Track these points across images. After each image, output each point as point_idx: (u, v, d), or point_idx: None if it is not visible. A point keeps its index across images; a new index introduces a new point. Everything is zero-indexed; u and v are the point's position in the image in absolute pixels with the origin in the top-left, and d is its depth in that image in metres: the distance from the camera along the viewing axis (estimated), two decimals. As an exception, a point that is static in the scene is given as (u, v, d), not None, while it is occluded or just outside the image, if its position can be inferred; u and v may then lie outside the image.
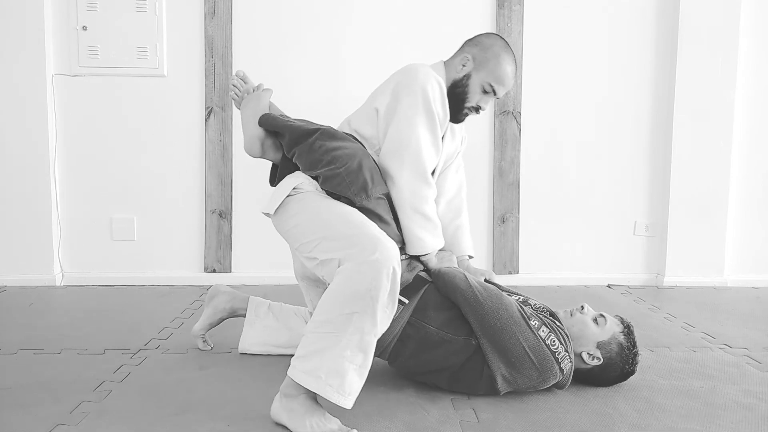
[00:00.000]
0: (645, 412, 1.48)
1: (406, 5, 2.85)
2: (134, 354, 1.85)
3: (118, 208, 2.85)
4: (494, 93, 1.70)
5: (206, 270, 2.87)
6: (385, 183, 1.56)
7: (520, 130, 2.92)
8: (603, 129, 2.97)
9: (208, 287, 2.77)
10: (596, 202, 3.00)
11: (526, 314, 1.50)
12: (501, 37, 1.74)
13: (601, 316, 1.62)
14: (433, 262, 1.63)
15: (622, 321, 1.64)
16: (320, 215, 1.46)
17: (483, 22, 2.88)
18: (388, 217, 1.54)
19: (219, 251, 2.87)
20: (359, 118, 1.68)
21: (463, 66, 1.69)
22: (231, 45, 2.80)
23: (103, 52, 2.74)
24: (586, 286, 2.95)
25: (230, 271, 2.88)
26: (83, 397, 1.51)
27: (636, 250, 3.04)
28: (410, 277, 1.58)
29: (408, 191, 1.56)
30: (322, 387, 1.29)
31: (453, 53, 1.76)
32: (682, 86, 2.89)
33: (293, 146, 1.53)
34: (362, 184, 1.47)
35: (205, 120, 2.82)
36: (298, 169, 1.56)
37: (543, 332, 1.49)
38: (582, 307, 1.65)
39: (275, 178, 1.64)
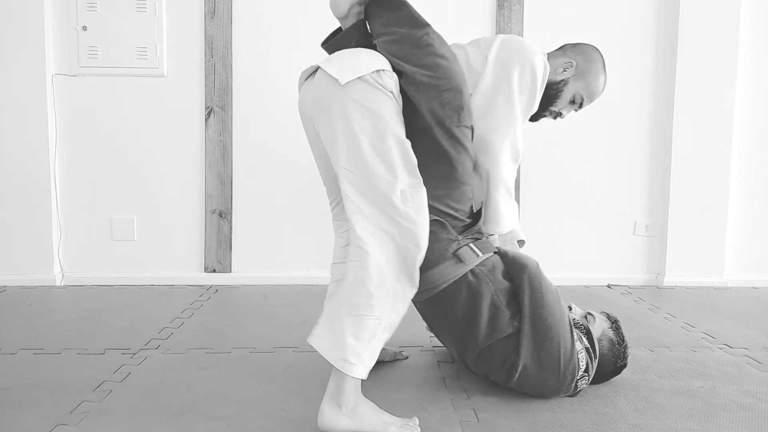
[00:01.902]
0: (645, 412, 1.48)
1: (406, 5, 2.85)
2: (134, 354, 1.85)
3: (118, 208, 2.85)
4: (580, 106, 1.70)
5: (206, 270, 2.87)
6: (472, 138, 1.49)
7: (520, 130, 2.92)
8: (603, 129, 2.97)
9: (208, 287, 2.78)
10: (596, 202, 3.00)
11: (572, 324, 1.49)
12: (601, 54, 1.73)
13: (589, 314, 1.63)
14: (498, 242, 1.61)
15: (608, 317, 1.65)
16: (382, 143, 1.32)
17: (483, 22, 2.88)
18: (471, 150, 1.47)
19: (219, 251, 2.87)
20: (472, 60, 1.58)
21: (564, 70, 1.67)
22: (231, 45, 2.80)
23: (103, 52, 2.74)
24: (586, 286, 2.95)
25: (230, 271, 2.88)
26: (83, 397, 1.51)
27: (636, 250, 3.04)
28: (483, 236, 1.52)
29: (505, 169, 1.53)
30: (363, 372, 1.30)
31: (552, 52, 1.73)
32: (682, 86, 2.90)
33: (398, 25, 1.39)
34: (458, 107, 1.40)
35: (205, 120, 2.82)
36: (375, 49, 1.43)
37: (578, 345, 1.48)
38: (570, 308, 1.65)
39: (333, 41, 1.52)
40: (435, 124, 1.38)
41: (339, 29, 1.55)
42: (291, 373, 1.71)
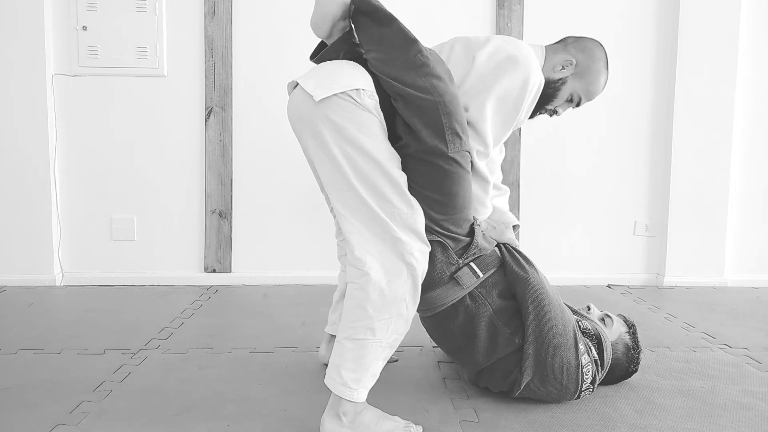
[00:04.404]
0: (645, 412, 1.48)
1: (405, 5, 2.85)
2: (134, 354, 1.85)
3: (118, 208, 2.85)
4: (577, 105, 1.63)
5: (206, 270, 2.87)
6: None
7: (519, 130, 2.92)
8: (603, 129, 2.97)
9: (208, 287, 2.78)
10: (596, 202, 3.00)
11: (577, 337, 1.46)
12: (605, 51, 1.62)
13: (607, 316, 1.63)
14: (493, 233, 1.55)
15: (625, 320, 1.65)
16: (363, 163, 1.27)
17: (483, 22, 2.88)
18: (470, 174, 1.39)
19: (219, 251, 2.87)
20: (455, 61, 1.48)
21: (563, 68, 1.58)
22: (231, 45, 2.80)
23: (103, 52, 2.74)
24: (586, 286, 2.95)
25: (230, 271, 2.88)
26: (83, 397, 1.51)
27: (636, 250, 3.04)
28: (489, 247, 1.47)
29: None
30: (363, 395, 1.29)
31: (553, 45, 1.64)
32: (682, 86, 2.89)
33: (389, 42, 1.31)
34: (458, 130, 1.32)
35: (205, 120, 2.82)
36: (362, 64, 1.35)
37: (584, 360, 1.46)
38: (588, 308, 1.65)
39: (320, 55, 1.44)
40: (436, 151, 1.31)
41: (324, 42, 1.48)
42: (291, 373, 1.71)
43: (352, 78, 1.30)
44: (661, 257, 3.01)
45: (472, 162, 1.42)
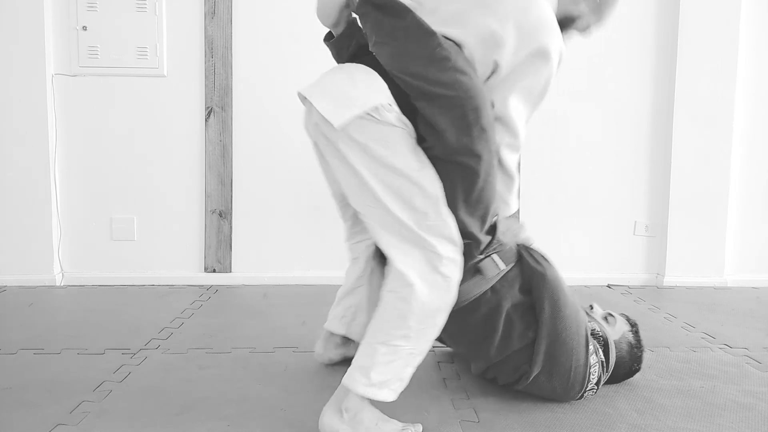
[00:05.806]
0: (645, 412, 1.48)
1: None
2: (134, 354, 1.85)
3: (118, 208, 2.85)
4: (582, 35, 1.56)
5: (206, 270, 2.87)
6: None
7: (520, 130, 2.92)
8: (603, 129, 2.97)
9: (209, 287, 2.78)
10: (596, 202, 3.00)
11: (588, 336, 1.47)
12: None
13: (610, 315, 1.63)
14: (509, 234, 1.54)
15: (628, 319, 1.65)
16: (393, 180, 1.24)
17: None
18: (496, 169, 1.36)
19: (219, 251, 2.87)
20: (471, 34, 1.31)
21: (586, 3, 1.47)
22: (231, 45, 2.80)
23: (103, 52, 2.74)
24: (586, 286, 2.95)
25: (230, 271, 2.88)
26: (83, 397, 1.51)
27: (636, 250, 3.04)
28: (508, 243, 1.46)
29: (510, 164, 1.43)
30: (391, 395, 1.29)
31: None
32: (682, 86, 2.89)
33: (404, 36, 1.22)
34: (484, 127, 1.26)
35: (205, 120, 2.82)
36: (372, 61, 1.29)
37: (592, 360, 1.47)
38: (591, 307, 1.65)
39: (333, 41, 1.40)
40: (462, 150, 1.26)
41: None
42: (291, 373, 1.71)
43: (368, 93, 1.25)
44: (661, 257, 3.01)
45: (499, 158, 1.39)
